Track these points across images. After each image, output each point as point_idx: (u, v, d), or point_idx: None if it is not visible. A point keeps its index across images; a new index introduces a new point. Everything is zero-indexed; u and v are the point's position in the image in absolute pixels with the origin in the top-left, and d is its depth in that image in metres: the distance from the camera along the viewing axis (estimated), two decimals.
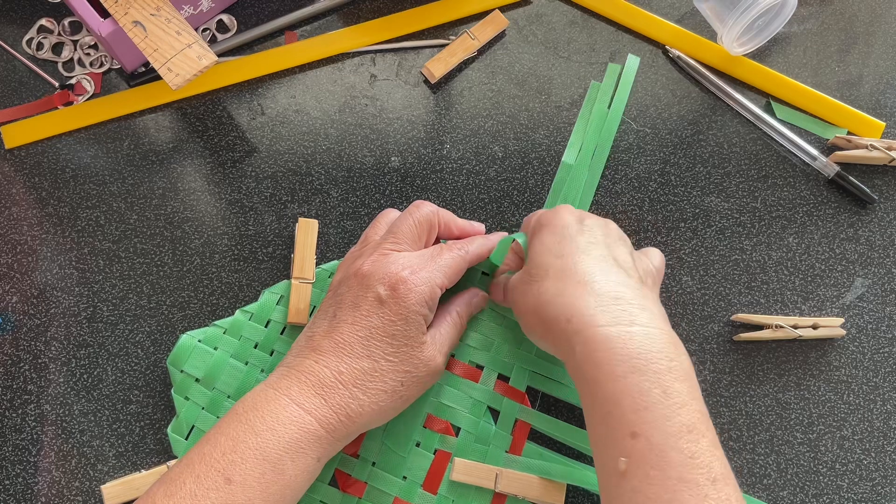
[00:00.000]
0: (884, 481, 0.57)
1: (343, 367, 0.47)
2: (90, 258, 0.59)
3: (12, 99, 0.63)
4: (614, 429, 0.42)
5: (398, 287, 0.48)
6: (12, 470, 0.54)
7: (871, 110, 0.66)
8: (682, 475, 0.40)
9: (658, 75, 0.66)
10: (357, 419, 0.47)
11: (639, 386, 0.41)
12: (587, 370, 0.43)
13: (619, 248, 0.50)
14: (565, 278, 0.47)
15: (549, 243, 0.49)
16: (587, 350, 0.43)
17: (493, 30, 0.66)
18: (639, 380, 0.42)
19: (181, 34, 0.58)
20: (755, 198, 0.63)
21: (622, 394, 0.42)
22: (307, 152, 0.62)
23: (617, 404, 0.42)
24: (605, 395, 0.42)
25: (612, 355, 0.43)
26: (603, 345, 0.43)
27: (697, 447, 0.40)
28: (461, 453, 0.54)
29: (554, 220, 0.51)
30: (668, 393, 0.41)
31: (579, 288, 0.46)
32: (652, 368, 0.42)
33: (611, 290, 0.46)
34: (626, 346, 0.43)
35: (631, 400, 0.41)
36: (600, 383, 0.42)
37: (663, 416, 0.41)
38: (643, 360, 0.42)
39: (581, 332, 0.44)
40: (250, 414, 0.46)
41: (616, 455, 0.41)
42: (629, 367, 0.42)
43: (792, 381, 0.59)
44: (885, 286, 0.61)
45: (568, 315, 0.45)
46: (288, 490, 0.45)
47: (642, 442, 0.40)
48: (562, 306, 0.46)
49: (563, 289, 0.46)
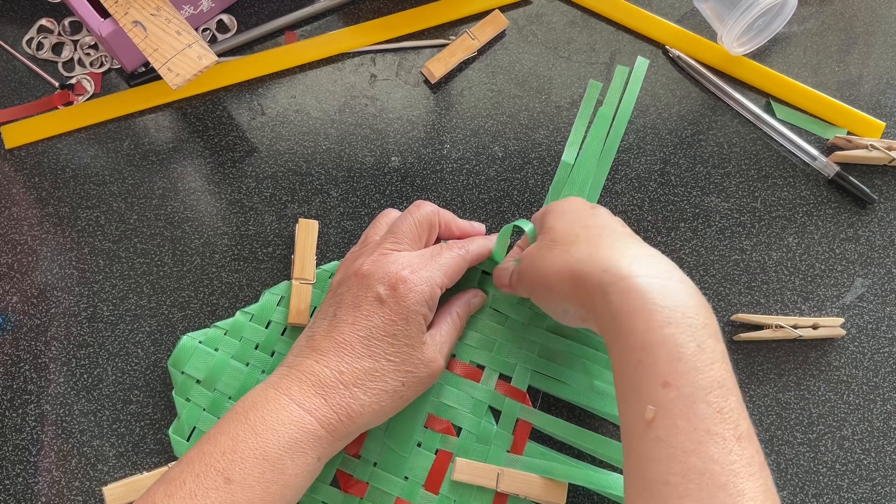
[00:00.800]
0: (884, 481, 0.57)
1: (344, 366, 0.47)
2: (90, 258, 0.59)
3: (12, 99, 0.63)
4: (645, 377, 0.41)
5: (398, 286, 0.48)
6: (12, 470, 0.54)
7: (871, 110, 0.66)
8: (709, 428, 0.39)
9: (658, 75, 0.66)
10: (358, 419, 0.47)
11: (674, 338, 0.41)
12: (623, 319, 0.42)
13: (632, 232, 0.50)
14: (596, 243, 0.46)
15: (570, 217, 0.49)
16: (624, 298, 0.43)
17: (493, 30, 0.66)
18: (674, 331, 0.41)
19: (181, 34, 0.58)
20: (755, 198, 0.63)
21: (657, 343, 0.41)
22: (307, 152, 0.62)
23: (650, 353, 0.41)
24: (640, 344, 0.41)
25: (650, 305, 0.42)
26: (641, 294, 0.42)
27: (726, 403, 0.40)
28: (462, 453, 0.54)
29: (567, 202, 0.52)
30: (702, 348, 0.41)
31: (611, 249, 0.45)
32: (688, 322, 0.41)
33: (642, 251, 0.45)
34: (664, 298, 0.42)
35: (665, 350, 0.41)
36: (636, 332, 0.42)
37: (695, 368, 0.40)
38: (680, 314, 0.42)
39: (618, 282, 0.43)
40: (250, 413, 0.46)
41: (644, 403, 0.41)
42: (666, 318, 0.41)
43: (792, 381, 0.59)
44: (885, 286, 0.62)
45: (604, 266, 0.44)
46: (288, 490, 0.45)
47: (673, 392, 0.40)
48: (598, 261, 0.45)
49: (596, 250, 0.46)
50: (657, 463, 0.39)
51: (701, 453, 0.39)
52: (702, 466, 0.38)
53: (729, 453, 0.39)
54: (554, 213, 0.51)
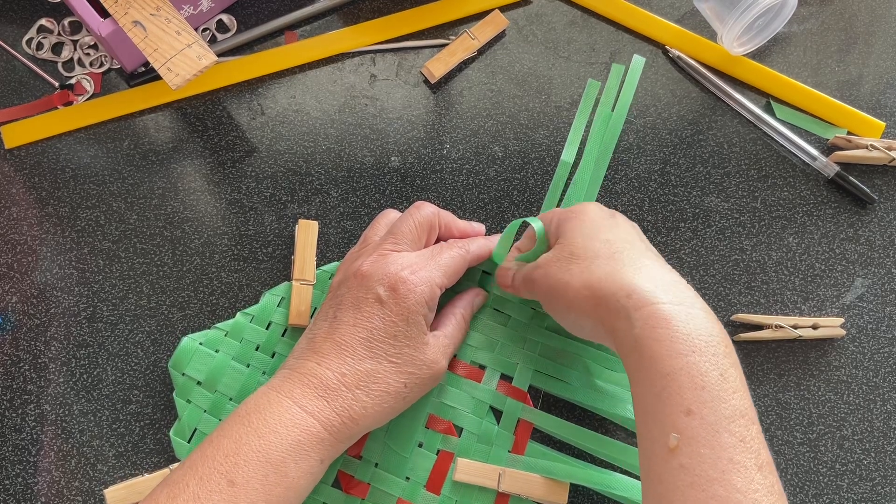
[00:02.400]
0: (884, 481, 0.57)
1: (346, 368, 0.47)
2: (90, 258, 0.59)
3: (12, 99, 0.63)
4: (669, 404, 0.41)
5: (398, 287, 0.48)
6: (12, 470, 0.54)
7: (871, 110, 0.66)
8: (732, 457, 0.39)
9: (658, 75, 0.66)
10: (360, 421, 0.47)
11: (698, 366, 0.41)
12: (647, 345, 0.43)
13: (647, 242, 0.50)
14: (617, 261, 0.46)
15: (590, 229, 0.49)
16: (648, 325, 0.43)
17: (493, 30, 0.66)
18: (698, 360, 0.41)
19: (181, 34, 0.58)
20: (755, 198, 0.63)
21: (681, 371, 0.41)
22: (307, 152, 0.62)
23: (674, 380, 0.41)
24: (664, 371, 0.42)
25: (674, 332, 0.42)
26: (665, 321, 0.42)
27: (748, 432, 0.40)
28: (464, 453, 0.54)
29: (586, 210, 0.51)
30: (724, 376, 0.41)
31: (633, 270, 0.45)
32: (711, 350, 0.42)
33: (664, 275, 0.46)
34: (688, 325, 0.42)
35: (689, 378, 0.41)
36: (659, 359, 0.42)
37: (719, 397, 0.41)
38: (703, 342, 0.42)
39: (642, 308, 0.43)
40: (253, 416, 0.46)
41: (667, 430, 0.41)
42: (690, 346, 0.42)
43: (792, 381, 0.59)
44: (885, 286, 0.62)
45: (628, 291, 0.44)
46: (291, 492, 0.45)
47: (697, 420, 0.40)
48: (620, 283, 0.45)
49: (618, 269, 0.46)
50: (680, 490, 0.40)
51: (724, 482, 0.39)
52: (725, 495, 0.39)
53: (751, 482, 0.39)
54: (572, 223, 0.50)
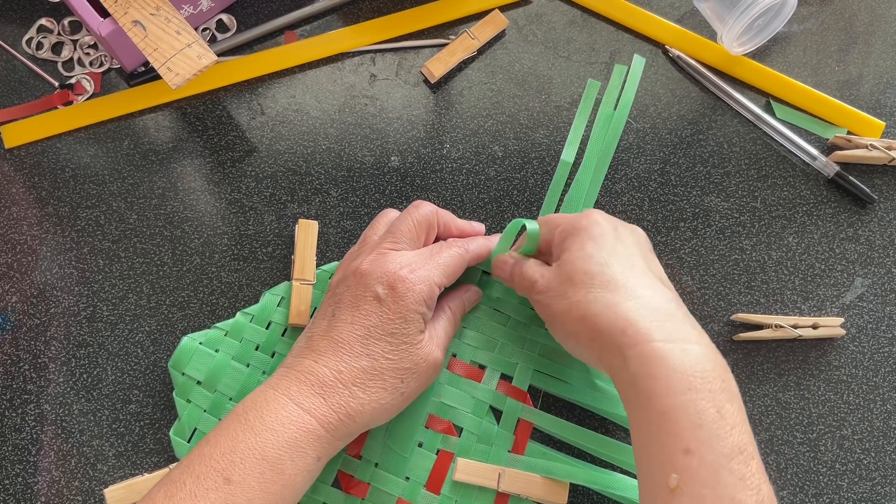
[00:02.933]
0: (884, 481, 0.57)
1: (343, 366, 0.47)
2: (90, 258, 0.59)
3: (12, 99, 0.63)
4: (667, 443, 0.41)
5: (396, 286, 0.48)
6: (12, 470, 0.54)
7: (871, 110, 0.66)
8: (733, 496, 0.40)
9: (658, 75, 0.66)
10: (358, 418, 0.47)
11: (695, 404, 0.41)
12: (642, 384, 0.43)
13: (652, 259, 0.50)
14: (614, 289, 0.46)
15: (589, 250, 0.48)
16: (643, 364, 0.43)
17: (493, 29, 0.66)
18: (695, 398, 0.41)
19: (181, 34, 0.58)
20: (755, 198, 0.63)
21: (678, 410, 0.41)
22: (307, 152, 0.62)
23: (672, 420, 0.41)
24: (661, 410, 0.42)
25: (669, 371, 0.42)
26: (660, 360, 0.43)
27: (748, 469, 0.40)
28: (464, 453, 0.54)
29: (589, 226, 0.50)
30: (722, 413, 0.41)
31: (631, 301, 0.45)
32: (707, 387, 0.42)
33: (661, 306, 0.45)
34: (683, 363, 0.42)
35: (686, 417, 0.41)
36: (656, 398, 0.42)
37: (717, 435, 0.41)
38: (699, 379, 0.42)
39: (637, 346, 0.44)
40: (250, 414, 0.46)
41: (667, 470, 0.41)
42: (686, 385, 0.42)
43: (792, 381, 0.59)
44: (885, 286, 0.62)
45: (622, 327, 0.44)
46: (288, 489, 0.45)
47: (696, 459, 0.40)
48: (615, 318, 0.45)
49: (614, 300, 0.46)
50: None
51: None
52: None
53: None
54: (574, 240, 0.50)
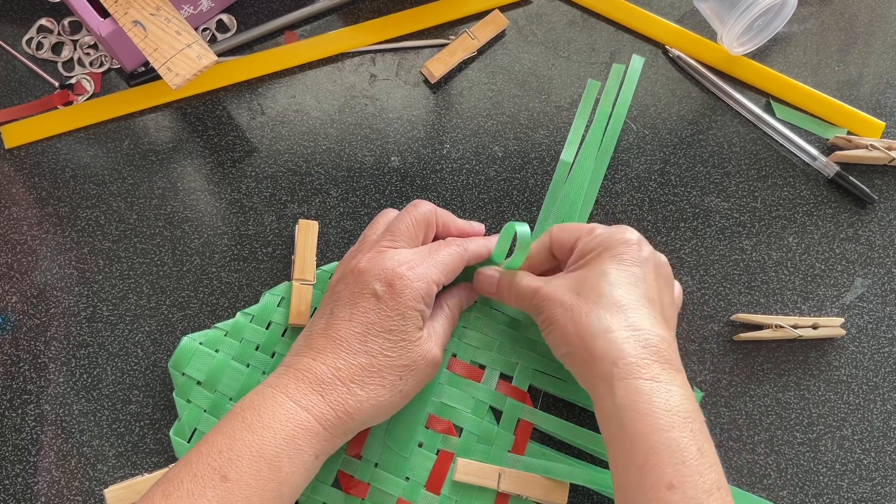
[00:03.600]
0: (884, 481, 0.57)
1: (340, 363, 0.47)
2: (90, 258, 0.59)
3: (12, 99, 0.63)
4: (651, 478, 0.43)
5: (394, 283, 0.48)
6: (12, 470, 0.54)
7: (871, 110, 0.66)
8: None
9: (658, 75, 0.66)
10: (356, 415, 0.47)
11: (678, 441, 0.43)
12: (627, 417, 0.44)
13: (666, 295, 0.50)
14: (616, 315, 0.47)
15: (606, 268, 0.49)
16: (630, 397, 0.44)
17: (493, 30, 0.66)
18: (678, 435, 0.43)
19: (181, 34, 0.58)
20: (755, 198, 0.63)
21: (662, 446, 0.43)
22: (307, 152, 0.62)
23: (656, 454, 0.43)
24: (645, 446, 0.43)
25: (654, 408, 0.44)
26: (647, 396, 0.44)
27: None
28: (464, 453, 0.54)
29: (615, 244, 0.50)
30: (702, 451, 0.43)
31: (628, 332, 0.46)
32: (689, 427, 0.44)
33: (656, 344, 0.46)
34: (668, 402, 0.44)
35: (670, 453, 0.43)
36: (641, 433, 0.44)
37: (698, 472, 0.42)
38: (682, 418, 0.44)
39: (625, 380, 0.45)
40: (247, 412, 0.46)
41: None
42: (670, 422, 0.43)
43: (792, 381, 0.59)
44: (885, 286, 0.62)
45: (614, 357, 0.45)
46: (285, 487, 0.45)
47: (678, 494, 0.42)
48: (610, 345, 0.46)
49: (612, 326, 0.46)
50: None
51: None
52: None
53: None
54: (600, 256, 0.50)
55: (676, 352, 0.48)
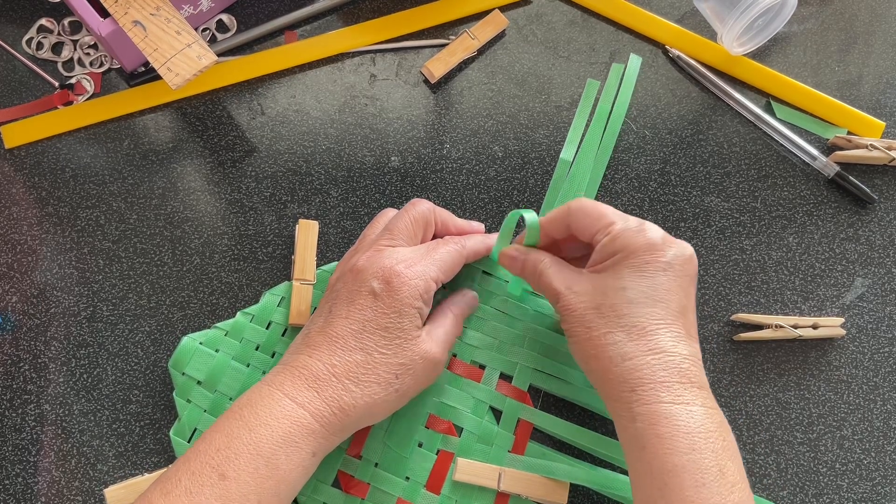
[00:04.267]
0: (884, 481, 0.57)
1: (336, 360, 0.47)
2: (90, 258, 0.59)
3: (12, 99, 0.63)
4: (670, 501, 0.42)
5: (392, 280, 0.48)
6: (12, 470, 0.54)
7: (871, 110, 0.66)
8: None
9: (658, 75, 0.66)
10: (351, 412, 0.47)
11: (698, 463, 0.42)
12: (648, 441, 0.44)
13: (691, 293, 0.48)
14: (637, 338, 0.46)
15: (626, 280, 0.47)
16: (650, 422, 0.44)
17: (493, 30, 0.66)
18: (699, 457, 0.43)
19: (181, 34, 0.58)
20: (755, 198, 0.63)
21: (682, 469, 0.42)
22: (307, 152, 0.62)
23: (676, 477, 0.42)
24: (665, 468, 0.43)
25: (675, 431, 0.43)
26: (666, 420, 0.44)
27: None
28: (464, 453, 0.54)
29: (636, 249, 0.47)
30: (723, 472, 0.43)
31: (648, 357, 0.45)
32: (710, 447, 0.43)
33: (676, 363, 0.45)
34: (688, 424, 0.44)
35: (690, 476, 0.42)
36: (661, 456, 0.43)
37: (719, 493, 0.42)
38: (702, 439, 0.43)
39: (645, 405, 0.44)
40: (245, 410, 0.46)
41: None
42: (690, 445, 0.43)
43: (792, 381, 0.59)
44: (885, 286, 0.62)
45: (634, 385, 0.45)
46: (282, 485, 0.45)
47: None
48: (629, 373, 0.45)
49: (632, 352, 0.45)
50: None
51: None
52: None
53: None
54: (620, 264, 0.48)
55: (701, 366, 0.47)
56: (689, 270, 0.48)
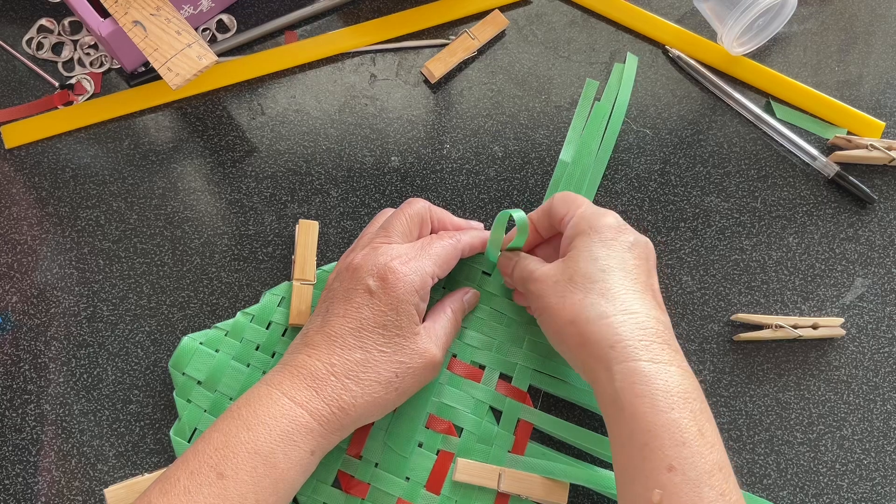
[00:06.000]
0: (884, 481, 0.57)
1: (335, 359, 0.47)
2: (90, 258, 0.59)
3: (12, 99, 0.63)
4: (651, 461, 0.43)
5: (387, 277, 0.48)
6: (12, 470, 0.54)
7: (871, 110, 0.66)
8: None
9: (658, 75, 0.66)
10: (350, 411, 0.47)
11: (678, 422, 0.43)
12: (626, 399, 0.44)
13: (654, 275, 0.51)
14: (611, 300, 0.47)
15: (596, 253, 0.49)
16: (629, 380, 0.44)
17: (493, 30, 0.66)
18: (678, 416, 0.43)
19: (181, 34, 0.58)
20: (755, 198, 0.63)
21: (662, 427, 0.43)
22: (307, 152, 0.62)
23: (656, 437, 0.43)
24: (645, 427, 0.43)
25: (654, 389, 0.44)
26: (645, 378, 0.44)
27: (727, 485, 0.42)
28: (464, 453, 0.54)
29: (603, 229, 0.50)
30: (702, 432, 0.43)
31: (623, 316, 0.46)
32: (689, 407, 0.44)
33: (651, 325, 0.46)
34: (667, 383, 0.44)
35: (670, 435, 0.43)
36: (640, 415, 0.43)
37: (699, 453, 0.42)
38: (681, 398, 0.44)
39: (623, 363, 0.45)
40: (243, 410, 0.46)
41: (650, 486, 0.42)
42: (669, 403, 0.43)
43: (792, 381, 0.59)
44: (885, 286, 0.62)
45: (611, 342, 0.45)
46: (281, 484, 0.45)
47: (679, 476, 0.42)
48: (606, 329, 0.46)
49: (607, 311, 0.46)
50: None
51: None
52: None
53: None
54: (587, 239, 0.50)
55: (672, 333, 0.48)
56: (650, 254, 0.51)
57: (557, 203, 0.53)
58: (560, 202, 0.53)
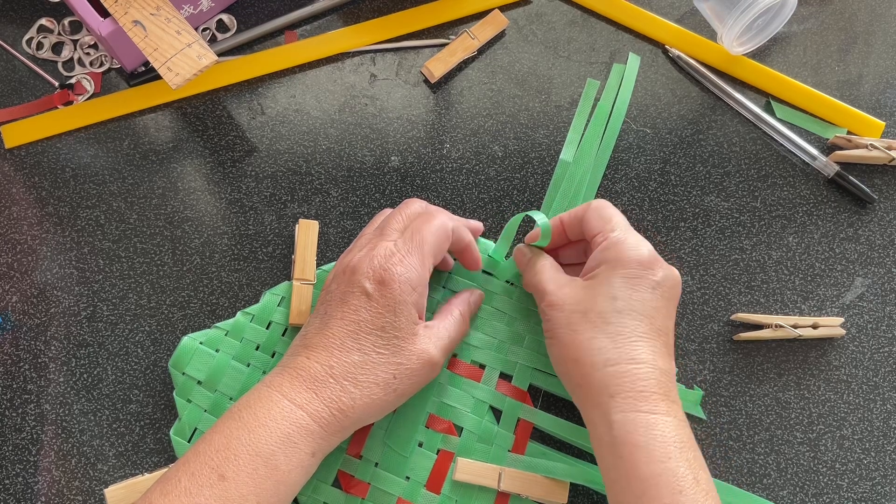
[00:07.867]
0: (884, 481, 0.57)
1: (334, 361, 0.47)
2: (90, 258, 0.59)
3: (12, 99, 0.63)
4: None
5: (384, 279, 0.48)
6: (12, 470, 0.54)
7: (871, 110, 0.66)
8: None
9: (658, 75, 0.66)
10: (350, 412, 0.47)
11: (675, 471, 0.44)
12: (625, 448, 0.45)
13: (672, 315, 0.51)
14: (619, 346, 0.47)
15: (616, 290, 0.49)
16: (627, 429, 0.45)
17: (493, 29, 0.66)
18: (675, 465, 0.44)
19: (181, 34, 0.58)
20: (755, 198, 0.63)
21: (659, 476, 0.44)
22: (307, 152, 0.62)
23: (654, 486, 0.44)
24: (643, 476, 0.44)
25: (652, 440, 0.45)
26: (644, 428, 0.45)
27: None
28: (464, 453, 0.54)
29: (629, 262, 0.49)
30: (697, 480, 0.44)
31: (629, 366, 0.47)
32: (684, 456, 0.45)
33: (655, 377, 0.47)
34: (664, 433, 0.45)
35: (667, 484, 0.44)
36: (638, 464, 0.45)
37: (694, 499, 0.44)
38: (677, 449, 0.45)
39: (623, 413, 0.46)
40: (244, 412, 0.46)
41: None
42: (666, 453, 0.44)
43: (792, 380, 0.59)
44: (885, 286, 0.62)
45: (612, 391, 0.46)
46: (282, 485, 0.45)
47: None
48: (609, 379, 0.47)
49: (613, 359, 0.47)
50: None
51: None
52: None
53: None
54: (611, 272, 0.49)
55: (675, 383, 0.49)
56: (675, 293, 0.51)
57: (592, 216, 0.52)
58: (595, 217, 0.52)
